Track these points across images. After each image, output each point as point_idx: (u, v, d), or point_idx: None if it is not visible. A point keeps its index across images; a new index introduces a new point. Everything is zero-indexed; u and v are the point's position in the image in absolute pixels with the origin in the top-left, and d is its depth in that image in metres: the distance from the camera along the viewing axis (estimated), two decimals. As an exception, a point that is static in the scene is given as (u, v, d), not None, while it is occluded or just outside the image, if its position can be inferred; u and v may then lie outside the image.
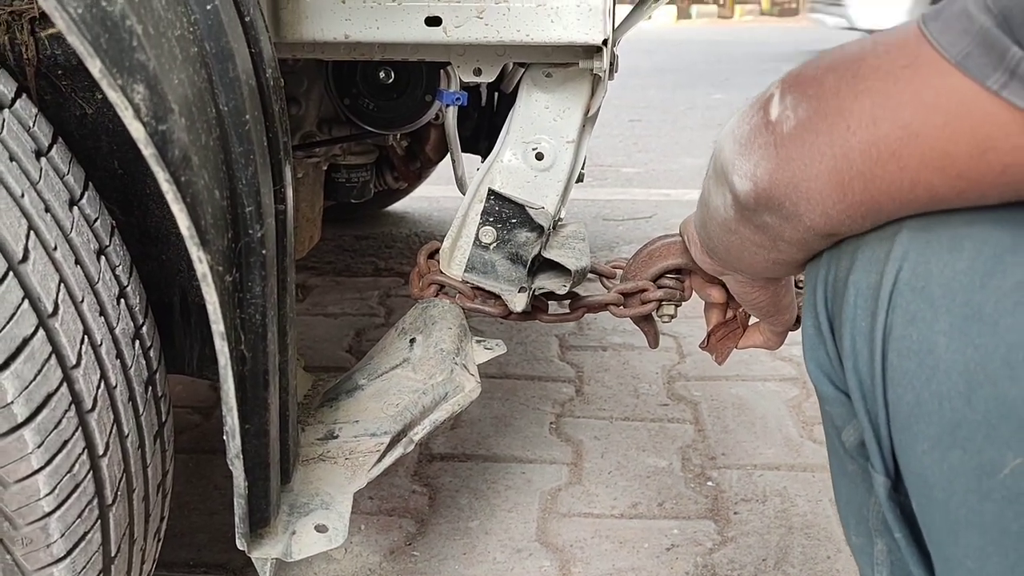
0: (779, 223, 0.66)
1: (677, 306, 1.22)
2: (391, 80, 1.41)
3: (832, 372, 0.68)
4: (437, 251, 1.25)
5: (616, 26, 1.22)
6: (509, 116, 1.25)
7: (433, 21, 1.12)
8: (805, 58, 0.66)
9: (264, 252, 0.78)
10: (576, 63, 1.18)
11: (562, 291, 1.22)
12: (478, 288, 1.22)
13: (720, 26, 14.17)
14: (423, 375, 1.07)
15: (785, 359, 1.89)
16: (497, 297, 1.21)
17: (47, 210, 0.76)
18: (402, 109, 1.44)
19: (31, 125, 0.79)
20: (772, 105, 0.63)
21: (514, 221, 1.20)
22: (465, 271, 1.21)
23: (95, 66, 0.59)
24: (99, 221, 0.83)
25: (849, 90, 0.59)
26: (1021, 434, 0.53)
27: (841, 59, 0.61)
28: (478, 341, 1.19)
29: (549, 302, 1.27)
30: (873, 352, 0.60)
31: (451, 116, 1.35)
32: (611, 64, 1.19)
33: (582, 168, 1.38)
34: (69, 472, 0.73)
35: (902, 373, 0.58)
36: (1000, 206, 0.57)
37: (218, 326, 0.69)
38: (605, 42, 1.10)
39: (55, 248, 0.75)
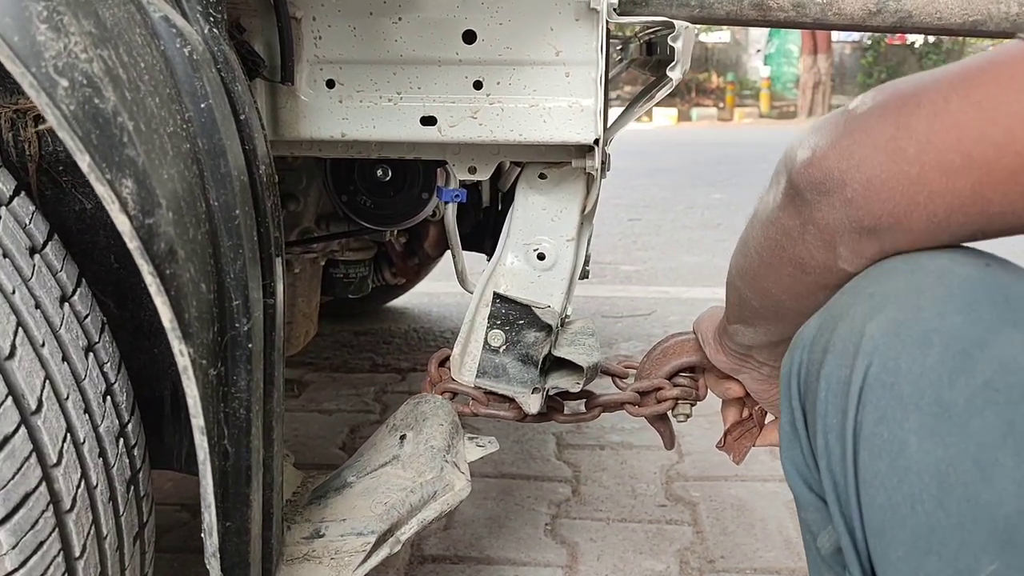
0: (818, 200, 0.65)
1: (692, 405, 1.21)
2: (388, 177, 1.43)
3: (808, 474, 0.66)
4: (448, 358, 1.25)
5: (608, 126, 1.24)
6: (508, 218, 1.27)
7: (428, 121, 1.14)
8: None
9: (250, 346, 0.77)
10: (569, 162, 1.20)
11: (575, 389, 1.21)
12: (491, 393, 1.21)
13: (720, 128, 14.46)
14: (412, 473, 1.06)
15: (786, 458, 1.86)
16: (511, 400, 1.20)
17: (37, 306, 0.75)
18: (399, 206, 1.46)
19: (27, 222, 0.80)
20: (855, 100, 0.65)
21: (521, 322, 1.20)
22: (477, 376, 1.21)
23: (84, 161, 0.60)
24: (89, 317, 0.82)
25: (931, 79, 0.60)
26: (995, 539, 0.51)
27: (931, 70, 0.63)
28: (470, 438, 1.17)
29: (565, 402, 1.26)
30: (845, 451, 0.59)
31: (450, 213, 1.37)
32: (603, 163, 1.21)
33: (586, 265, 1.39)
34: (43, 575, 0.71)
35: (874, 473, 0.57)
36: (970, 298, 0.56)
37: (198, 420, 0.68)
38: (597, 141, 1.12)
39: (43, 344, 0.74)
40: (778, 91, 18.31)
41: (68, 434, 0.74)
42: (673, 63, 1.07)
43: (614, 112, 1.32)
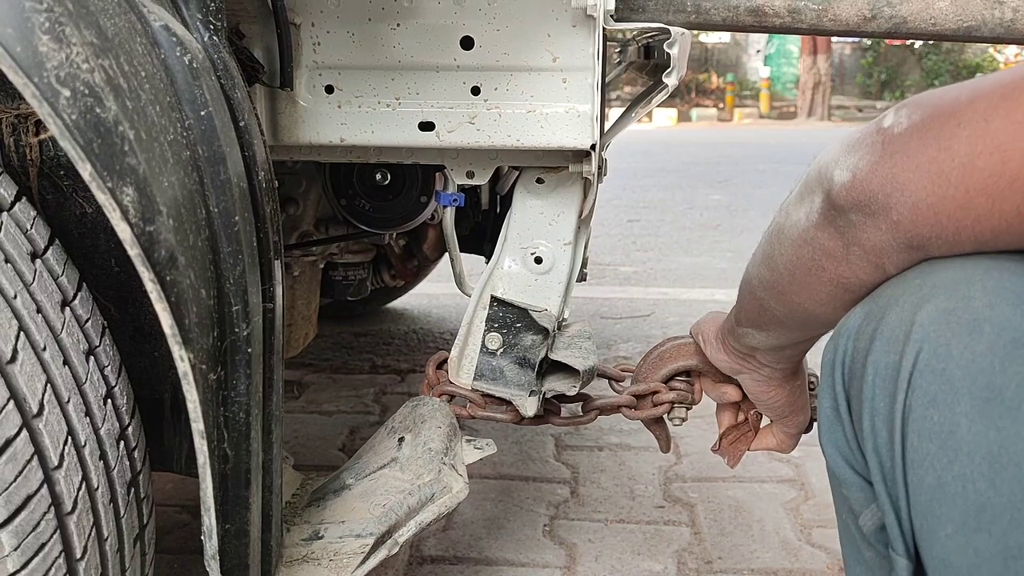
0: (863, 221, 0.65)
1: (688, 409, 1.22)
2: (387, 181, 1.44)
3: (850, 455, 0.68)
4: (446, 360, 1.26)
5: (605, 131, 1.25)
6: (505, 222, 1.28)
7: (426, 126, 1.15)
8: (805, 161, 0.68)
9: (250, 350, 0.78)
10: (566, 167, 1.21)
11: (572, 392, 1.22)
12: (488, 395, 1.22)
13: (720, 128, 14.45)
14: (410, 475, 1.07)
15: (783, 460, 1.87)
16: (508, 403, 1.21)
17: (38, 311, 0.76)
18: (398, 209, 1.47)
19: (28, 227, 0.80)
20: (887, 117, 0.65)
21: (519, 325, 1.21)
22: (474, 379, 1.22)
23: (85, 169, 0.61)
24: (90, 321, 0.83)
25: (967, 97, 0.60)
26: None
27: (962, 83, 0.63)
28: (468, 440, 1.18)
29: (562, 405, 1.27)
30: (893, 433, 0.61)
31: (448, 216, 1.37)
32: (600, 167, 1.22)
33: (583, 268, 1.40)
34: None
35: (923, 455, 0.58)
36: (1019, 289, 0.58)
37: (198, 424, 0.69)
38: (593, 147, 1.13)
39: (44, 348, 0.75)
40: (778, 92, 18.31)
41: (69, 437, 0.75)
42: (669, 69, 1.08)
43: (613, 114, 1.33)
